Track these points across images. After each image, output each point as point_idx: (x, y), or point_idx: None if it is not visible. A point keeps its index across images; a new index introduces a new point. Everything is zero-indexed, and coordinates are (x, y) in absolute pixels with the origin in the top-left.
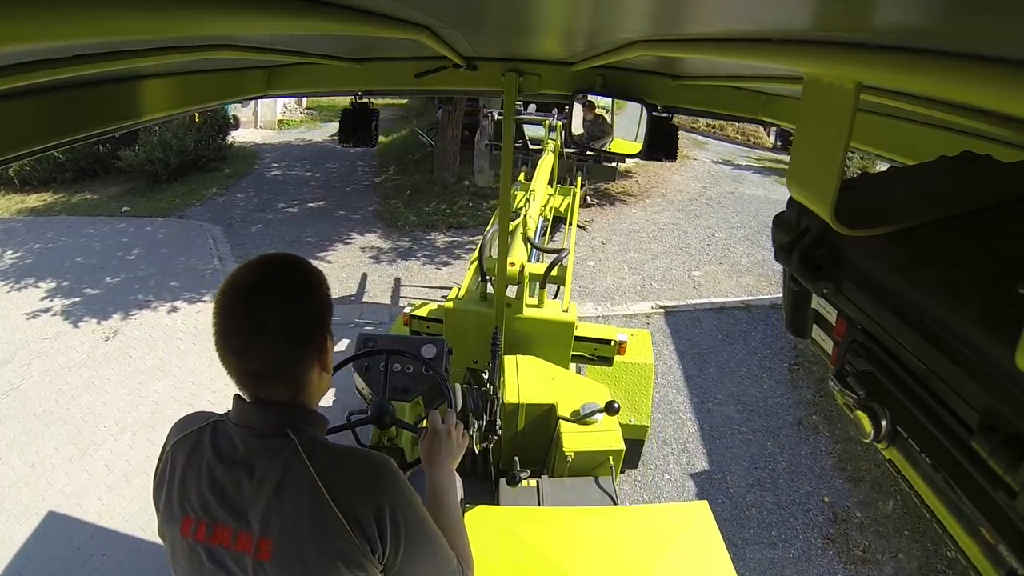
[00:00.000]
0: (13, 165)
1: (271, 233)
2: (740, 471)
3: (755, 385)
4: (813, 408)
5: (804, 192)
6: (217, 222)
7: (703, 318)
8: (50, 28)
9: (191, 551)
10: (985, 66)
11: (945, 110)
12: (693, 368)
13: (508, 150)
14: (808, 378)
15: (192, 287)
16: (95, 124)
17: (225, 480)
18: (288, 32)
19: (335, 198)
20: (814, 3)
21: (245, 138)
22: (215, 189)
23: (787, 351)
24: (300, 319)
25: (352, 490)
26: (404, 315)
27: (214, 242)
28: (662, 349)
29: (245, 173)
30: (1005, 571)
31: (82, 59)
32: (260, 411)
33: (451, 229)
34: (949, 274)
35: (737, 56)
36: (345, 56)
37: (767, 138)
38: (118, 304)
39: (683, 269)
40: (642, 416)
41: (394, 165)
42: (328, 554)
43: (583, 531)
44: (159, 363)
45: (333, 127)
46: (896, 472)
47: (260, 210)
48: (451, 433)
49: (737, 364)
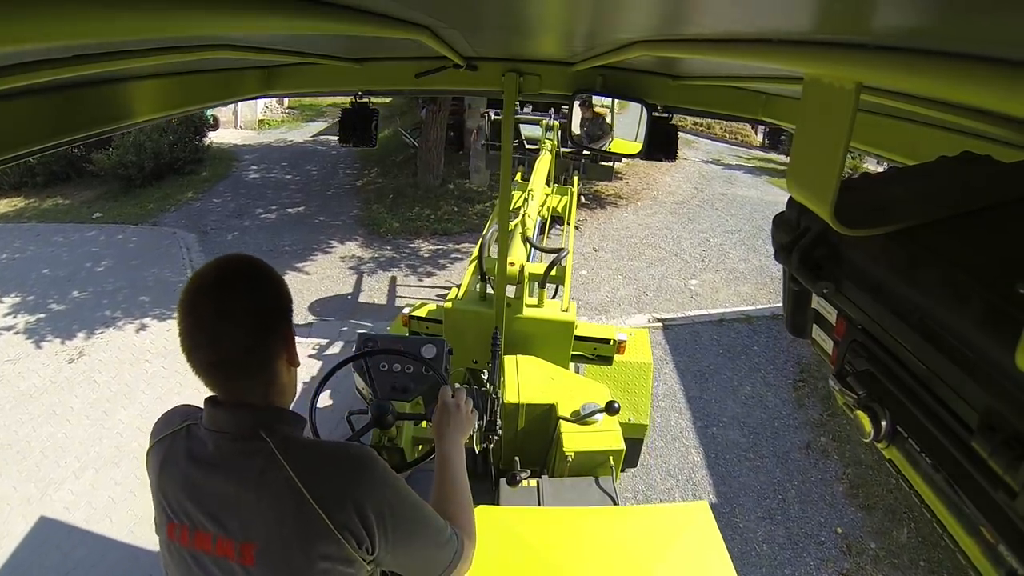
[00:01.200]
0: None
1: (247, 241)
2: (749, 503)
3: (760, 405)
4: (821, 429)
5: (804, 192)
6: (192, 229)
7: (702, 332)
8: (50, 28)
9: (178, 555)
10: (985, 66)
11: (945, 110)
12: (695, 388)
13: (508, 150)
14: (813, 395)
15: (162, 302)
16: (95, 124)
17: (201, 486)
18: (288, 32)
19: (315, 203)
20: (814, 4)
21: (224, 139)
22: (191, 193)
23: (790, 366)
24: (264, 309)
25: (332, 486)
26: (403, 316)
27: (187, 251)
28: (662, 367)
29: (223, 176)
30: (1005, 571)
31: (82, 59)
32: (232, 414)
33: (435, 236)
34: (949, 274)
35: (737, 56)
36: (345, 56)
37: (755, 136)
38: (84, 321)
39: (679, 278)
40: (641, 415)
41: (376, 167)
42: (314, 553)
43: (583, 531)
44: (125, 388)
45: (315, 127)
46: (896, 472)
47: (237, 216)
48: (460, 407)
49: (740, 382)
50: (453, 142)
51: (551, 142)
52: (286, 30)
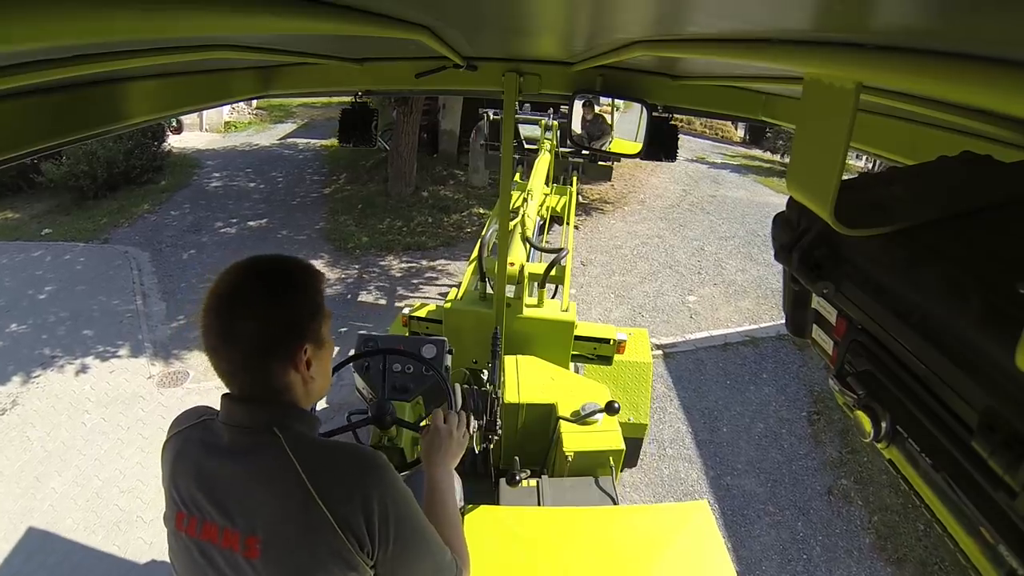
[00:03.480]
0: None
1: (204, 261)
2: (773, 568)
3: (775, 445)
4: (841, 469)
5: (804, 192)
6: (145, 246)
7: (706, 359)
8: (50, 28)
9: (185, 545)
10: (985, 66)
11: (945, 110)
12: (704, 430)
13: (508, 150)
14: (830, 430)
15: (106, 337)
16: (95, 124)
17: (212, 477)
18: (288, 32)
19: (278, 214)
20: (814, 4)
21: (187, 143)
22: (147, 205)
23: (802, 395)
24: (270, 329)
25: (339, 487)
26: (403, 316)
27: (139, 273)
28: (666, 406)
29: (182, 185)
30: (1005, 571)
31: (82, 59)
32: (246, 408)
33: (408, 251)
34: (949, 274)
35: (737, 56)
36: (345, 56)
37: (735, 132)
38: (21, 362)
39: (675, 294)
40: (641, 415)
41: (345, 172)
42: (317, 552)
43: (583, 531)
44: (60, 447)
45: (283, 129)
46: (896, 472)
47: (195, 231)
48: (452, 434)
49: (752, 419)
50: (427, 145)
51: (550, 142)
52: (286, 30)
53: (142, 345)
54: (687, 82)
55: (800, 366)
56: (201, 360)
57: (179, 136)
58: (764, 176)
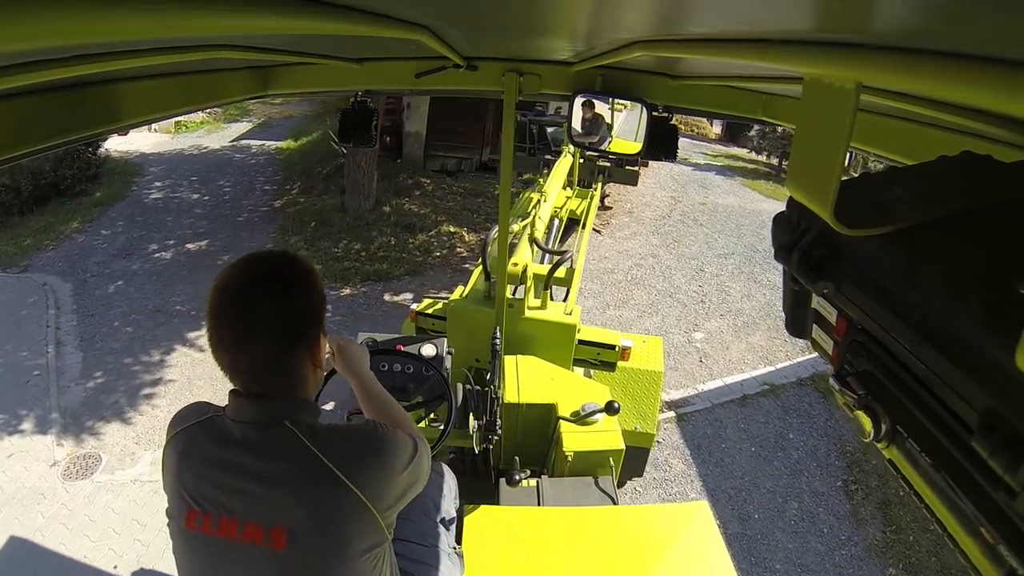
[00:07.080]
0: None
1: (131, 295)
2: None
3: (813, 530)
4: (887, 554)
5: (804, 192)
6: (68, 276)
7: (725, 419)
8: (50, 28)
9: (195, 542)
10: (985, 66)
11: (945, 110)
12: (734, 520)
13: (508, 150)
14: (869, 502)
15: (7, 404)
16: (95, 124)
17: (227, 473)
18: (288, 32)
19: (221, 234)
20: (814, 4)
21: (132, 146)
22: (76, 223)
23: (834, 458)
24: (290, 319)
25: (365, 468)
26: (412, 311)
27: (56, 313)
28: (687, 490)
29: (118, 197)
30: (1005, 571)
31: (82, 59)
32: (256, 404)
33: (367, 282)
34: (949, 274)
35: (737, 56)
36: (345, 56)
37: (711, 129)
38: None
39: (680, 330)
40: (648, 424)
41: (299, 181)
42: (350, 533)
43: (583, 531)
44: None
45: (236, 130)
46: (896, 472)
47: (125, 255)
48: (347, 342)
49: (784, 497)
50: (390, 150)
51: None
52: (286, 30)
53: (48, 416)
54: (687, 82)
55: (827, 419)
56: (117, 436)
57: (124, 138)
58: (751, 179)
